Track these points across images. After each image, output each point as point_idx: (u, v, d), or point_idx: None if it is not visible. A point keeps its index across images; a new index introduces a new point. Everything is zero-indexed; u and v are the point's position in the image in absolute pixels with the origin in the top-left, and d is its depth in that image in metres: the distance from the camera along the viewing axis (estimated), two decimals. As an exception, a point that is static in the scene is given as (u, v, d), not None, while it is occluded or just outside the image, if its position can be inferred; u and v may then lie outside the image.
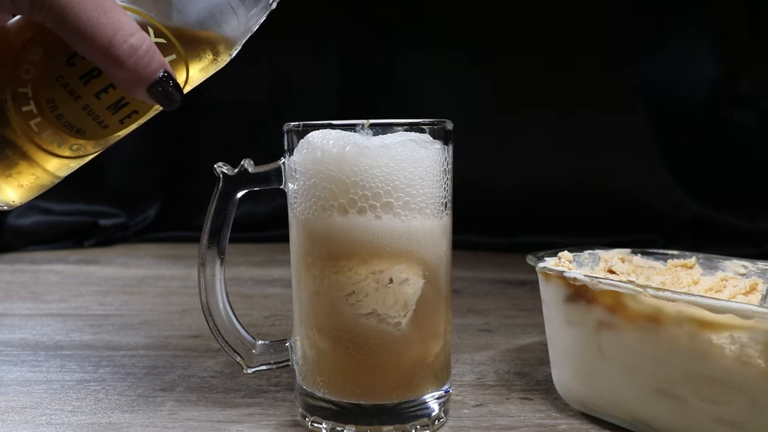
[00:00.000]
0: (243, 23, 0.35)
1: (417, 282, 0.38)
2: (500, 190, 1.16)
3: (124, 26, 0.30)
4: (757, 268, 0.44)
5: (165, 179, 1.24)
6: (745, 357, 0.33)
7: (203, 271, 0.41)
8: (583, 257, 0.46)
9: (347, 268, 0.38)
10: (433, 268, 0.39)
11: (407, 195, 0.37)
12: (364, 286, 0.37)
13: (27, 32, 0.32)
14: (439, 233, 0.39)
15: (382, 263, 0.37)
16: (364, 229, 0.37)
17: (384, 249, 0.37)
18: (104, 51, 0.30)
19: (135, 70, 0.31)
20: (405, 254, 0.38)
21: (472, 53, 1.15)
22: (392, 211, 0.37)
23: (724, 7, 1.09)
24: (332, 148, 0.37)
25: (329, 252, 0.38)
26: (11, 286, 0.83)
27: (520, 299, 0.76)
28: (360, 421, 0.39)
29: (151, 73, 0.31)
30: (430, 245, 0.39)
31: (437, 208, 0.39)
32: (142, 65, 0.31)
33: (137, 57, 0.31)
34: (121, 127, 0.34)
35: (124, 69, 0.31)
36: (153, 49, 0.31)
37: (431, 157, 0.38)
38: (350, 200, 0.37)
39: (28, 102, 0.32)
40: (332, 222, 0.37)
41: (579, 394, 0.42)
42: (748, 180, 1.10)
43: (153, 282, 0.86)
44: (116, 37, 0.30)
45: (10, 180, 0.33)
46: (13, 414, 0.43)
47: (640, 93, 1.12)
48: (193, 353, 0.55)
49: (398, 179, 0.37)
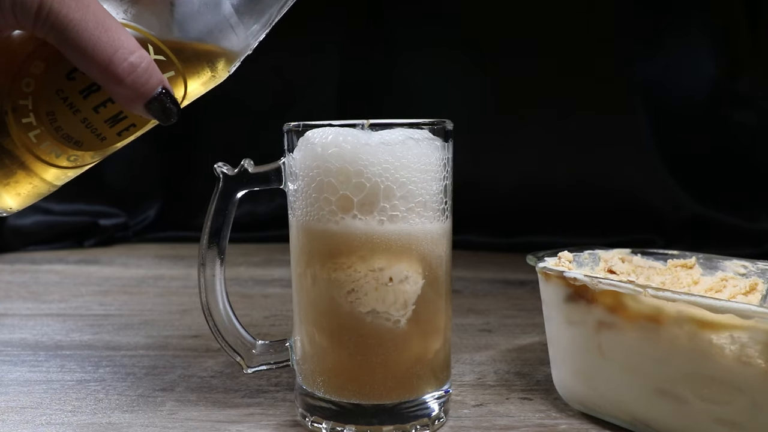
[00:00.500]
0: (242, 40, 0.35)
1: (417, 281, 0.38)
2: (500, 190, 1.16)
3: (124, 44, 0.31)
4: (757, 268, 0.44)
5: (165, 179, 1.24)
6: (745, 357, 0.33)
7: (203, 271, 0.41)
8: (583, 257, 0.46)
9: (346, 266, 0.38)
10: (433, 267, 0.39)
11: (407, 192, 0.37)
12: (364, 284, 0.37)
13: (29, 46, 0.32)
14: (439, 233, 0.39)
15: (381, 261, 0.37)
16: (363, 227, 0.37)
17: (383, 247, 0.37)
18: (104, 68, 0.31)
19: (133, 87, 0.32)
20: (405, 252, 0.38)
21: (472, 53, 1.15)
22: (392, 209, 0.37)
23: (724, 7, 1.09)
24: (332, 143, 0.37)
25: (328, 250, 0.38)
26: (11, 286, 0.83)
27: (520, 299, 0.76)
28: (360, 421, 0.39)
29: (150, 90, 0.32)
30: (430, 244, 0.39)
31: (437, 207, 0.39)
32: (141, 83, 0.32)
33: (136, 75, 0.31)
34: (118, 139, 0.35)
35: (123, 86, 0.31)
36: (152, 66, 0.32)
37: (431, 154, 0.38)
38: (349, 196, 0.37)
39: (28, 114, 0.32)
40: (332, 219, 0.37)
41: (579, 394, 0.42)
42: (748, 180, 1.10)
43: (153, 282, 0.86)
44: (116, 56, 0.30)
45: (8, 188, 0.34)
46: (13, 414, 0.43)
47: (640, 93, 1.12)
48: (193, 353, 0.55)
49: (398, 175, 0.37)
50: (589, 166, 1.14)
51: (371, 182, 0.37)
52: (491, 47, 1.14)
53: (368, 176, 0.37)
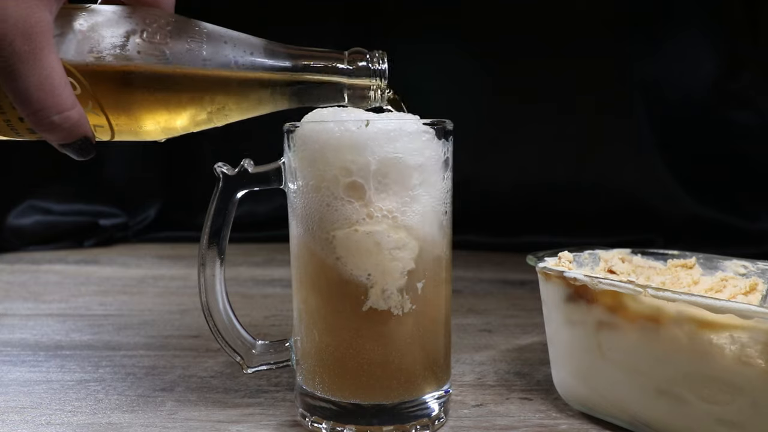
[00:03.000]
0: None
1: (417, 281, 0.38)
2: (500, 190, 1.16)
3: (57, 104, 0.34)
4: (757, 268, 0.44)
5: (165, 179, 1.24)
6: (745, 357, 0.33)
7: (203, 271, 0.41)
8: (583, 257, 0.46)
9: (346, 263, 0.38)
10: (432, 266, 0.39)
11: (405, 181, 0.37)
12: (363, 282, 0.37)
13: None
14: (439, 232, 0.39)
15: (381, 259, 0.37)
16: (363, 224, 0.37)
17: (382, 245, 0.37)
18: (30, 116, 0.34)
19: (53, 137, 0.36)
20: (404, 251, 0.38)
21: (472, 52, 1.15)
22: (391, 201, 0.37)
23: (724, 7, 1.09)
24: (328, 123, 0.37)
25: (329, 247, 0.38)
26: (11, 286, 0.83)
27: (520, 299, 0.76)
28: (360, 421, 0.39)
29: (68, 141, 0.36)
30: (429, 244, 0.39)
31: (437, 206, 0.39)
32: (61, 137, 0.36)
33: (58, 131, 0.35)
34: (34, 137, 0.38)
35: (45, 134, 0.36)
36: (77, 124, 0.35)
37: (430, 147, 0.38)
38: (346, 171, 0.37)
39: None
40: (331, 208, 0.37)
41: (579, 394, 0.42)
42: (748, 180, 1.10)
43: (153, 282, 0.86)
44: (43, 112, 0.34)
45: None
46: (13, 414, 0.43)
47: (640, 93, 1.12)
48: (193, 353, 0.55)
49: (396, 167, 0.37)
50: (589, 166, 1.14)
51: (367, 166, 0.36)
52: (491, 47, 1.14)
53: (365, 159, 0.36)
